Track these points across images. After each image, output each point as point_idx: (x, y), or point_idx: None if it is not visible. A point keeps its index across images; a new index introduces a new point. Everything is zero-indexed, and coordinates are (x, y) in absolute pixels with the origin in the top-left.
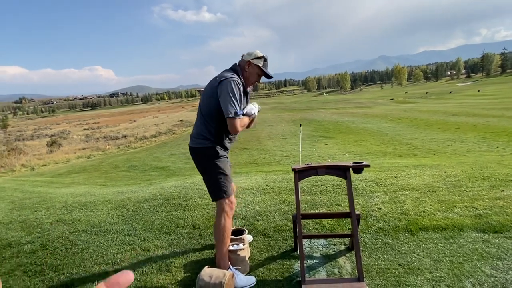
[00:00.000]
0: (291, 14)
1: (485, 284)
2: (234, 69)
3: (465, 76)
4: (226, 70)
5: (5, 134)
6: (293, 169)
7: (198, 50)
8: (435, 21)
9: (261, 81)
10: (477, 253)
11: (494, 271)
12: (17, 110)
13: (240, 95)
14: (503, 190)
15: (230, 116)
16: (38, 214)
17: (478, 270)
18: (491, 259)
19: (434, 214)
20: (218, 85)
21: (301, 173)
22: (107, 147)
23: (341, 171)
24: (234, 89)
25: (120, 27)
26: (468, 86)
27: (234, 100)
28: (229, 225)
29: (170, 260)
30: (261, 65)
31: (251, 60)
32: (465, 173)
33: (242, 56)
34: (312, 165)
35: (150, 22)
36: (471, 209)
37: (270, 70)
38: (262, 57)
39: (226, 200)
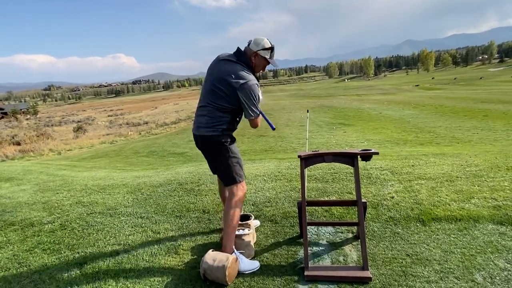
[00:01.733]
0: None
1: (497, 278)
2: (244, 61)
3: (498, 60)
4: (233, 58)
5: (35, 120)
6: (299, 156)
7: (218, 37)
8: (466, 1)
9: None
10: (491, 246)
11: (508, 265)
12: (46, 97)
13: (259, 96)
14: None
15: (252, 117)
16: (59, 196)
17: (491, 263)
18: (506, 252)
19: (449, 205)
20: (239, 87)
21: (307, 160)
22: (129, 133)
23: (349, 159)
24: (256, 93)
25: (141, 14)
26: (501, 71)
27: (256, 104)
28: (240, 210)
29: (179, 242)
30: (268, 57)
31: (258, 51)
32: (487, 162)
33: (249, 43)
34: (319, 152)
35: (171, 8)
36: (490, 200)
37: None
38: (270, 48)
39: (240, 185)
